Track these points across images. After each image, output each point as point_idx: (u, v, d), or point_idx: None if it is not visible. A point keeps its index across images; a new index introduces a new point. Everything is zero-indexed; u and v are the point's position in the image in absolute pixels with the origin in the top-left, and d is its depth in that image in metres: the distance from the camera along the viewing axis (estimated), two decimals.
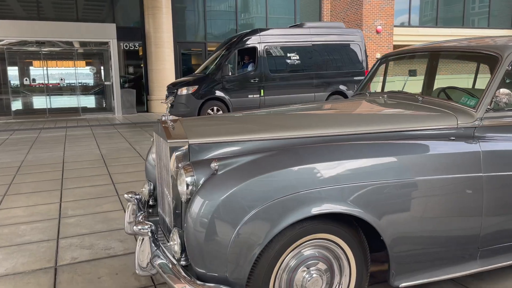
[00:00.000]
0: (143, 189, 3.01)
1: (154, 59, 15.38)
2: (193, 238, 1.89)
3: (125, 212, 2.90)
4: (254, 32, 11.09)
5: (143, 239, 2.21)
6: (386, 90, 3.74)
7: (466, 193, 2.16)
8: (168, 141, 2.25)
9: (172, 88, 10.99)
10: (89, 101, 16.31)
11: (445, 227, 2.15)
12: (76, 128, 11.81)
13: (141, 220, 2.66)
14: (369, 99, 3.07)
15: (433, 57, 3.29)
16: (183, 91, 10.61)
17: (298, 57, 11.27)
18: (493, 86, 2.38)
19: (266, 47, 10.98)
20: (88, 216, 4.14)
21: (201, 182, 2.01)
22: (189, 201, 2.04)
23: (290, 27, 12.19)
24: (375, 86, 3.73)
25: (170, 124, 2.46)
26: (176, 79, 15.19)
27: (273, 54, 11.07)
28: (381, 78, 3.85)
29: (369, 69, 12.12)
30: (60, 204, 4.55)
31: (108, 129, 11.45)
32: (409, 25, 18.12)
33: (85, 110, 15.77)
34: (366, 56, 11.99)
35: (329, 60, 11.57)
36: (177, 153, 2.23)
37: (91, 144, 8.78)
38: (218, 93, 10.65)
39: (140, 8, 15.62)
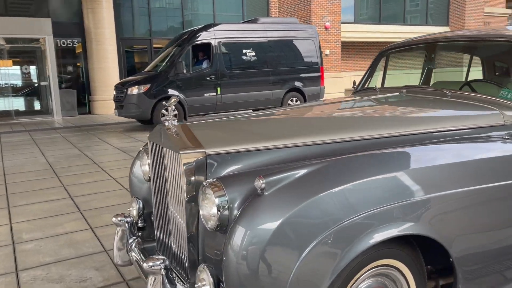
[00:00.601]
0: (131, 208, 2.51)
1: (96, 57, 14.34)
2: (236, 278, 1.46)
3: (94, 238, 2.38)
4: (207, 27, 10.59)
5: (154, 278, 1.74)
6: (386, 85, 3.49)
7: None
8: (181, 152, 1.79)
9: (121, 88, 10.21)
10: (23, 103, 14.91)
11: None
12: (11, 134, 10.65)
13: (139, 249, 2.19)
14: (388, 96, 2.74)
15: (444, 48, 3.02)
16: (134, 90, 9.89)
17: (254, 54, 10.92)
18: None
19: (221, 43, 10.52)
20: (49, 239, 3.51)
21: (235, 204, 1.60)
22: (218, 227, 1.61)
23: (244, 22, 11.82)
24: (375, 80, 3.46)
25: (174, 130, 2.00)
26: (120, 77, 14.29)
27: (229, 50, 10.64)
28: (376, 72, 3.58)
29: (323, 65, 12.06)
30: (11, 226, 3.86)
31: (49, 134, 10.43)
32: (355, 22, 18.41)
33: (19, 113, 14.38)
34: (321, 53, 11.90)
35: (285, 57, 11.34)
36: (187, 167, 1.80)
37: (33, 151, 7.87)
38: (172, 92, 10.04)
39: (78, 2, 14.49)
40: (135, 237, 2.29)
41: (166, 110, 10.02)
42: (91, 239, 3.48)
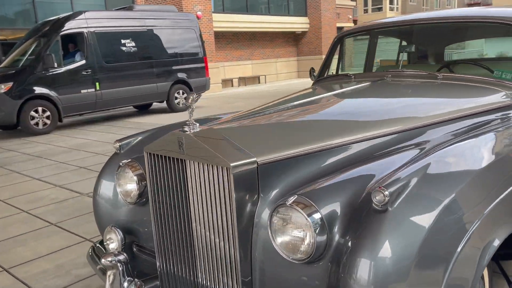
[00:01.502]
0: (107, 241, 1.94)
1: None
2: None
3: (16, 282, 1.80)
4: (77, 14, 9.34)
5: None
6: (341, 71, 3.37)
7: None
8: (232, 164, 1.38)
9: None
10: None
11: None
12: None
13: None
14: (383, 82, 2.52)
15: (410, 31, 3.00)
16: None
17: (134, 44, 10.03)
18: None
19: (95, 33, 9.39)
20: None
21: (336, 225, 1.27)
22: (311, 257, 1.26)
23: (118, 9, 10.75)
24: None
25: (201, 137, 1.54)
26: None
27: (105, 41, 9.55)
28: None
29: (207, 56, 11.73)
30: None
31: None
32: (224, 11, 18.37)
33: None
34: (203, 42, 11.52)
35: (167, 47, 10.68)
36: (238, 182, 1.42)
37: None
38: (42, 90, 8.63)
39: None
40: (132, 280, 1.75)
41: (36, 111, 8.62)
42: (13, 284, 2.67)
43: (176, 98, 10.89)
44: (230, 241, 1.46)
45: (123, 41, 9.86)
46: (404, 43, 3.36)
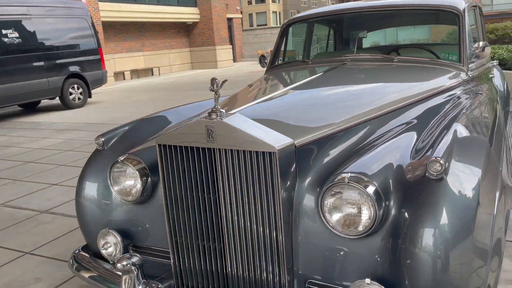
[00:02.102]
0: (105, 246, 1.77)
1: None
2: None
3: None
4: None
5: None
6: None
7: None
8: (277, 148, 1.36)
9: None
10: None
11: None
12: None
13: None
14: (343, 68, 2.60)
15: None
16: None
17: (17, 35, 8.91)
18: (465, 40, 2.54)
19: None
20: None
21: (391, 196, 1.33)
22: (369, 231, 1.31)
23: None
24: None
25: (232, 124, 1.47)
26: None
27: None
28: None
29: (102, 47, 10.96)
30: None
31: None
32: (112, 1, 17.22)
33: None
34: (96, 32, 10.71)
35: (57, 38, 9.69)
36: (283, 165, 1.40)
37: None
38: None
39: None
40: (146, 281, 1.61)
41: None
42: None
43: (71, 93, 9.99)
44: (272, 227, 1.44)
45: (4, 31, 8.70)
46: (338, 29, 3.57)
